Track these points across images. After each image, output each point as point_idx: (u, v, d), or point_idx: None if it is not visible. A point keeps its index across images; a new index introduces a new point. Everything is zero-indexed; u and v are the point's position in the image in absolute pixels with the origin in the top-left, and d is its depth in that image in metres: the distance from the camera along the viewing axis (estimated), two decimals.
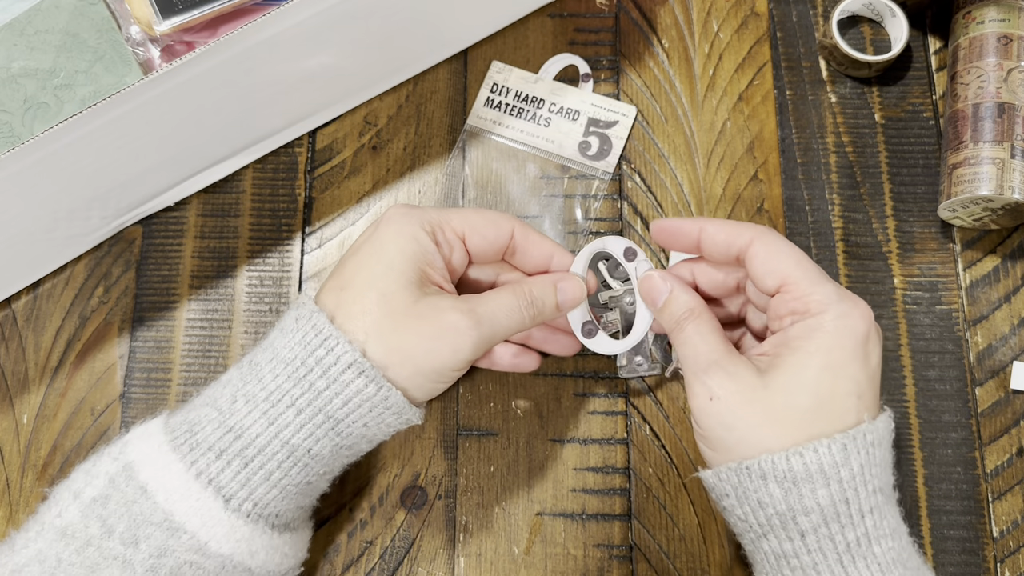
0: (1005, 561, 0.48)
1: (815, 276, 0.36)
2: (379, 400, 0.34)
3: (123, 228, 0.55)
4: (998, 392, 0.51)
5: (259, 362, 0.35)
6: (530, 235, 0.41)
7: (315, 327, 0.34)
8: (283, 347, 0.35)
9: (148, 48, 0.52)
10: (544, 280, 0.40)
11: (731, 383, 0.35)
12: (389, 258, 0.36)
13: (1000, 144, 0.49)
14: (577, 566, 0.49)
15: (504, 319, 0.37)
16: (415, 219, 0.38)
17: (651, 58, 0.57)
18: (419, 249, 0.37)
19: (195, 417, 0.35)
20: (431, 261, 0.37)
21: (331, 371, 0.34)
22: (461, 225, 0.39)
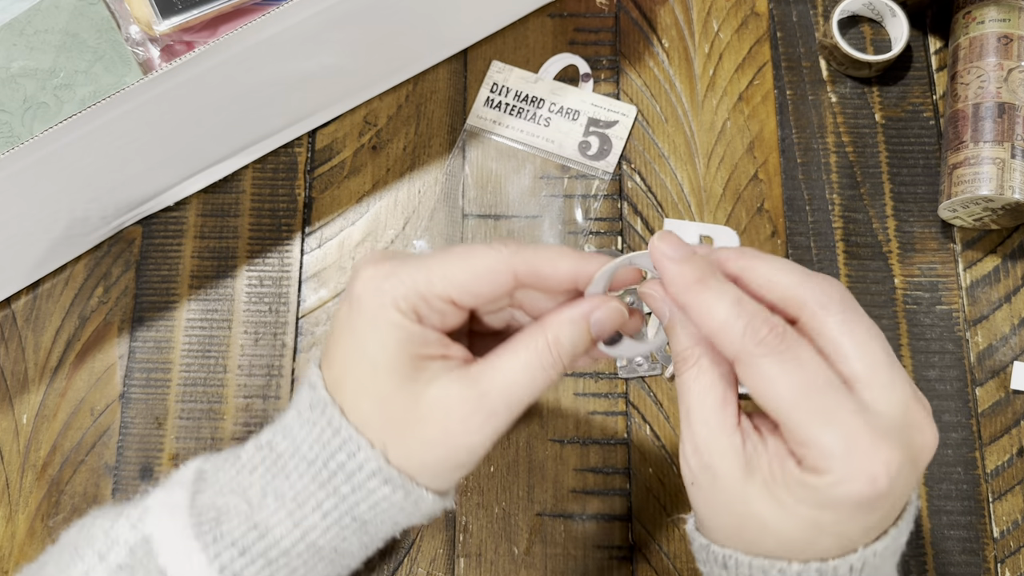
0: (1005, 561, 0.48)
1: (817, 417, 0.27)
2: (409, 504, 0.32)
3: (123, 228, 0.55)
4: (998, 392, 0.51)
5: (282, 453, 0.32)
6: (541, 268, 0.32)
7: (331, 424, 0.32)
8: (303, 441, 0.32)
9: (148, 48, 0.52)
10: (570, 317, 0.32)
11: (712, 482, 0.30)
12: (371, 358, 0.31)
13: (1000, 144, 0.49)
14: (577, 567, 0.48)
15: (525, 390, 0.31)
16: (388, 299, 0.31)
17: (651, 58, 0.57)
18: (402, 336, 0.31)
19: (224, 505, 0.32)
20: (421, 341, 0.31)
21: (355, 477, 0.31)
22: (445, 288, 0.31)
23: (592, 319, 0.32)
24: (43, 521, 0.50)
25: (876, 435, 0.27)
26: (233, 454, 0.34)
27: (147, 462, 0.51)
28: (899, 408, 0.28)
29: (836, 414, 0.27)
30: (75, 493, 0.50)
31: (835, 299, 0.29)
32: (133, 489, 0.50)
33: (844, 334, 0.29)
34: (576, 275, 0.32)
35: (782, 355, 0.28)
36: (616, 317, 0.32)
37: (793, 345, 0.28)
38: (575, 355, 0.32)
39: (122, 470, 0.51)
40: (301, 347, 0.53)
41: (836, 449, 0.27)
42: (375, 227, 0.55)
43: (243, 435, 0.51)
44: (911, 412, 0.28)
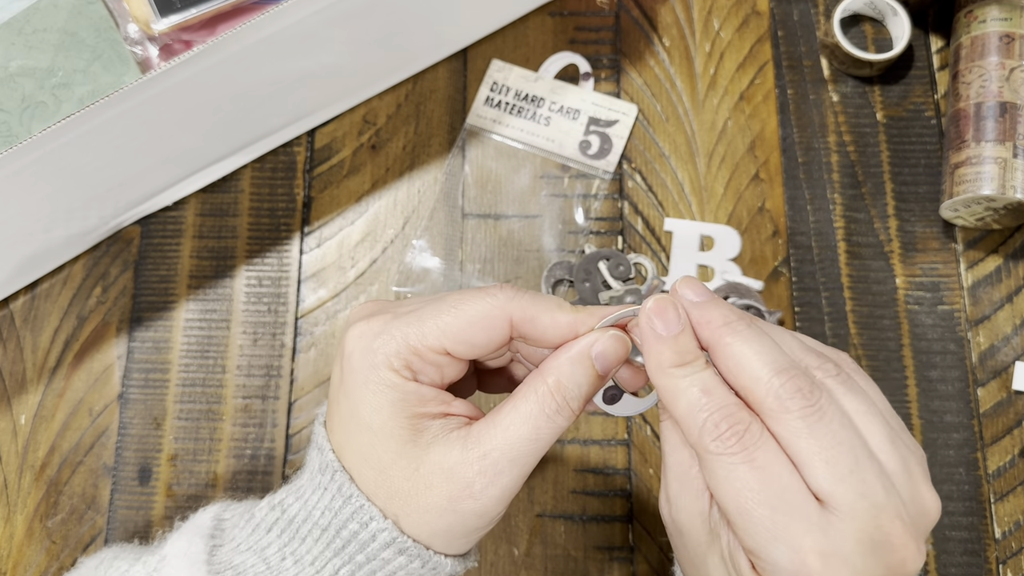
0: (1007, 562, 0.48)
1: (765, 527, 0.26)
2: (428, 571, 0.31)
3: (121, 228, 0.55)
4: (1000, 393, 0.50)
5: (294, 516, 0.32)
6: (538, 317, 0.30)
7: (341, 491, 0.31)
8: (315, 507, 0.31)
9: (146, 47, 0.52)
10: (569, 357, 0.30)
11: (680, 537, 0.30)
12: (367, 423, 0.30)
13: (1002, 143, 0.49)
14: (578, 568, 0.48)
15: (530, 444, 0.29)
16: (379, 359, 0.29)
17: (652, 57, 0.57)
18: (396, 397, 0.29)
19: (241, 563, 0.32)
20: (416, 400, 0.30)
21: (369, 548, 0.30)
22: (439, 340, 0.29)
23: (594, 353, 0.30)
24: (41, 522, 0.50)
25: (825, 559, 0.25)
26: (248, 511, 0.33)
27: (145, 463, 0.51)
28: (864, 523, 0.25)
29: (787, 529, 0.25)
30: (73, 494, 0.50)
31: (797, 401, 0.26)
32: (132, 490, 0.50)
33: (803, 439, 0.26)
34: (575, 328, 0.30)
35: (736, 456, 0.26)
36: (620, 347, 0.30)
37: (751, 446, 0.26)
38: (582, 396, 0.30)
39: (120, 471, 0.51)
40: (300, 347, 0.52)
41: (783, 567, 0.25)
42: (374, 227, 0.55)
43: (242, 436, 0.51)
44: (880, 529, 0.25)
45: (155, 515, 0.50)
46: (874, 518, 0.25)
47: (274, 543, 0.31)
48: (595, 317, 0.30)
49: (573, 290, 0.53)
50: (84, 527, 0.50)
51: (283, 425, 0.51)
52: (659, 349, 0.29)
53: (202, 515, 0.34)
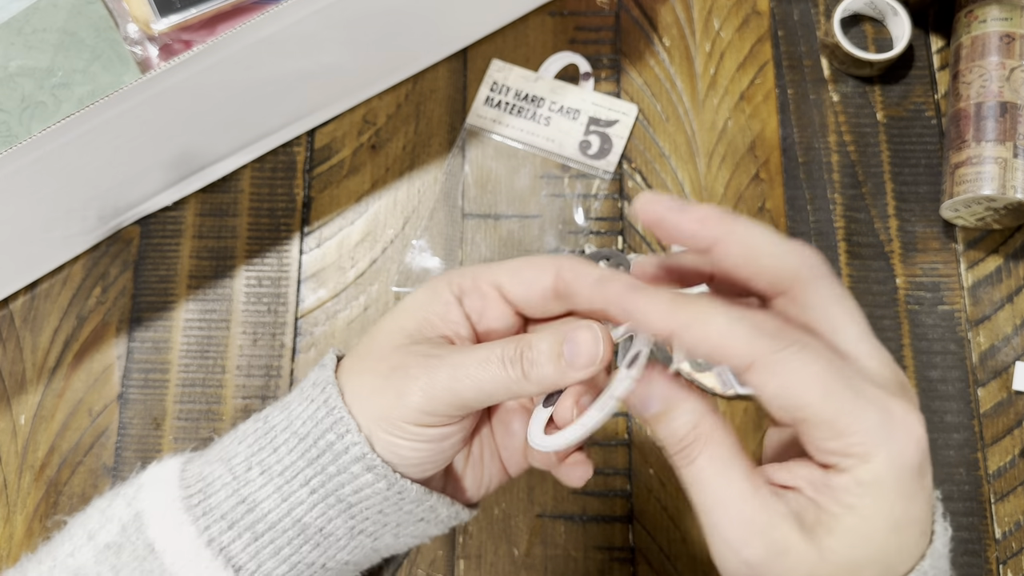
0: (1007, 563, 0.48)
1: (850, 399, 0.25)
2: (393, 495, 0.32)
3: (120, 228, 0.55)
4: (1000, 393, 0.50)
5: (275, 425, 0.33)
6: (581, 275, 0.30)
7: (327, 403, 0.32)
8: (298, 416, 0.32)
9: (146, 47, 0.52)
10: (549, 330, 0.30)
11: (775, 559, 0.27)
12: (394, 315, 0.32)
13: (1003, 143, 0.49)
14: (578, 568, 0.48)
15: (474, 370, 0.29)
16: (444, 279, 0.32)
17: (652, 57, 0.57)
18: (428, 299, 0.32)
19: (210, 474, 0.33)
20: (440, 312, 0.32)
21: (341, 459, 0.31)
22: (494, 275, 0.32)
23: (569, 337, 0.29)
24: (41, 522, 0.50)
25: (897, 398, 0.26)
26: (234, 428, 0.34)
27: (145, 463, 0.51)
28: (891, 368, 0.28)
29: (862, 390, 0.26)
30: (73, 494, 0.50)
31: (822, 268, 0.28)
32: None
33: (835, 303, 0.27)
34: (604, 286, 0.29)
35: (796, 343, 0.26)
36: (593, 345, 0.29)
37: (799, 334, 0.26)
38: (539, 368, 0.29)
39: (120, 471, 0.51)
40: (300, 347, 0.52)
41: (878, 424, 0.25)
42: (374, 227, 0.55)
43: None
44: (897, 371, 0.28)
45: None
46: (891, 363, 0.27)
47: (241, 453, 0.32)
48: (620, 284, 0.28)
49: None
50: None
51: None
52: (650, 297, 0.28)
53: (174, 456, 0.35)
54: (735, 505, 0.27)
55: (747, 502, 0.27)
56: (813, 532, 0.26)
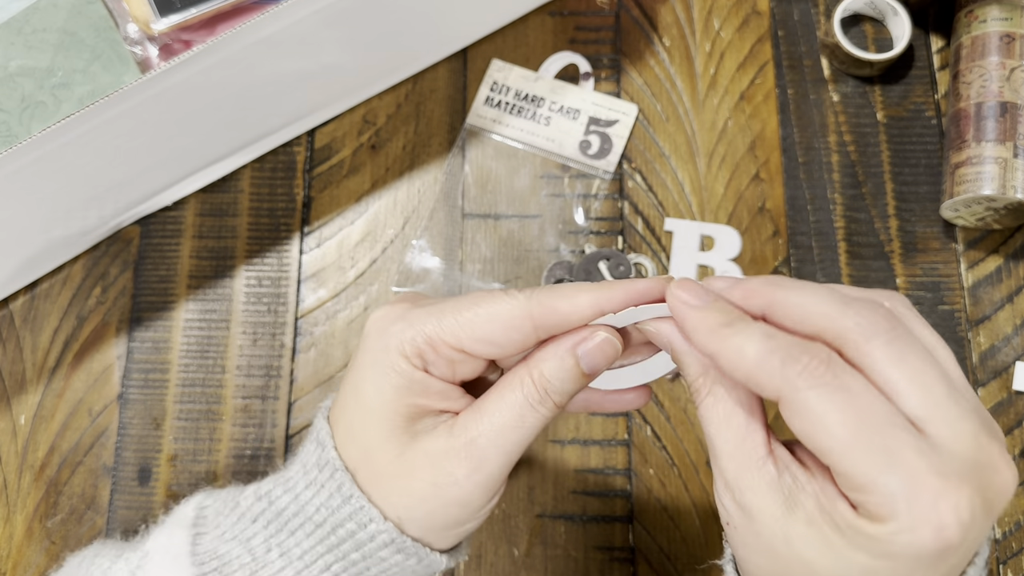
0: (1007, 563, 0.48)
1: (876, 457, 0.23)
2: (422, 568, 0.31)
3: (120, 228, 0.55)
4: (1001, 393, 0.50)
5: (283, 509, 0.31)
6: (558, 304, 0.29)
7: (340, 491, 0.30)
8: (309, 503, 0.31)
9: (146, 47, 0.52)
10: (555, 350, 0.29)
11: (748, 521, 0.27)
12: (366, 402, 0.30)
13: (1003, 143, 0.49)
14: (578, 568, 0.48)
15: (514, 432, 0.29)
16: (393, 342, 0.29)
17: (652, 56, 0.57)
18: (400, 383, 0.29)
19: (226, 553, 0.31)
20: (421, 390, 0.30)
21: (366, 547, 0.30)
22: (456, 336, 0.29)
23: (580, 351, 0.29)
24: (41, 522, 0.50)
25: (944, 478, 0.23)
26: (232, 499, 0.32)
27: (145, 463, 0.51)
28: (968, 445, 0.24)
29: (898, 453, 0.23)
30: (73, 494, 0.50)
31: (880, 326, 0.25)
32: (131, 490, 0.50)
33: (893, 365, 0.24)
34: (598, 305, 0.29)
35: (829, 385, 0.24)
36: (608, 350, 0.29)
37: (841, 373, 0.24)
38: (565, 391, 0.29)
39: (120, 471, 0.50)
40: (300, 347, 0.52)
41: (899, 494, 0.23)
42: (374, 227, 0.55)
43: (241, 436, 0.51)
44: (983, 449, 0.24)
45: (155, 515, 0.50)
46: (975, 438, 0.24)
47: (260, 534, 0.31)
48: (620, 292, 0.29)
49: None
50: (84, 527, 0.50)
51: (283, 425, 0.51)
52: (701, 316, 0.27)
53: (184, 506, 0.33)
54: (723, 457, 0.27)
55: (732, 458, 0.27)
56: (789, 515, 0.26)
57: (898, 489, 0.23)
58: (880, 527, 0.24)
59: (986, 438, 0.24)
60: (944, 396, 0.24)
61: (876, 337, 0.25)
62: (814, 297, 0.26)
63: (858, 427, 0.24)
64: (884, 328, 0.25)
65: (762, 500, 0.26)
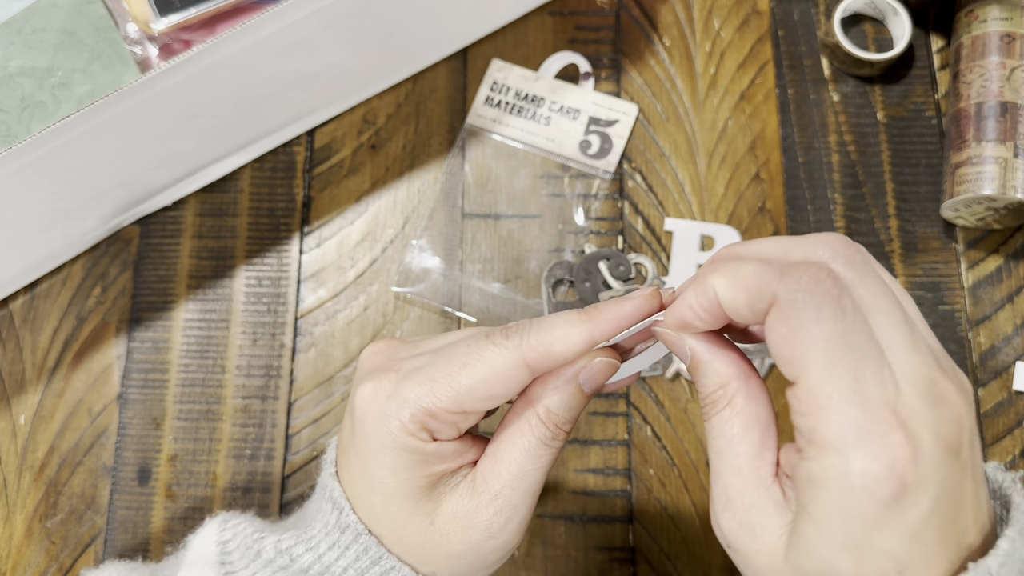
0: None
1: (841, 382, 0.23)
2: None
3: (120, 228, 0.55)
4: (1001, 393, 0.50)
5: (307, 568, 0.31)
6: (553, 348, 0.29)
7: (368, 553, 0.30)
8: (334, 563, 0.30)
9: (146, 46, 0.52)
10: (556, 383, 0.30)
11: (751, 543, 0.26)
12: (382, 486, 0.30)
13: (1003, 143, 0.49)
14: (578, 568, 0.48)
15: (535, 474, 0.29)
16: (394, 425, 0.29)
17: (652, 56, 0.57)
18: (415, 460, 0.29)
19: None
20: (436, 459, 0.30)
21: None
22: (454, 402, 0.29)
23: (582, 379, 0.29)
24: (41, 522, 0.50)
25: (895, 413, 0.23)
26: (253, 543, 0.32)
27: (145, 463, 0.51)
28: (923, 378, 0.24)
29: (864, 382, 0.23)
30: (73, 494, 0.50)
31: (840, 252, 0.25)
32: (131, 490, 0.50)
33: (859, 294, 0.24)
34: (591, 340, 0.29)
35: (828, 293, 0.23)
36: (608, 370, 0.30)
37: (842, 288, 0.24)
38: (573, 419, 0.30)
39: (120, 471, 0.50)
40: (299, 347, 0.52)
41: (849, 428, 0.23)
42: (374, 227, 0.54)
43: (241, 436, 0.51)
44: (937, 383, 0.24)
45: (154, 515, 0.50)
46: (929, 371, 0.24)
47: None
48: (609, 322, 0.29)
49: (573, 290, 0.52)
50: (83, 527, 0.50)
51: (283, 425, 0.51)
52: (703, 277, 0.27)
53: (203, 540, 0.33)
54: (727, 473, 0.27)
55: (739, 476, 0.26)
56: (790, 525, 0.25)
57: (850, 423, 0.23)
58: (827, 463, 0.23)
59: (939, 372, 0.24)
60: (899, 322, 0.24)
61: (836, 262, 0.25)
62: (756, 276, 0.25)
63: (840, 345, 0.23)
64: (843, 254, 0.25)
65: (768, 520, 0.25)
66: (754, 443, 0.26)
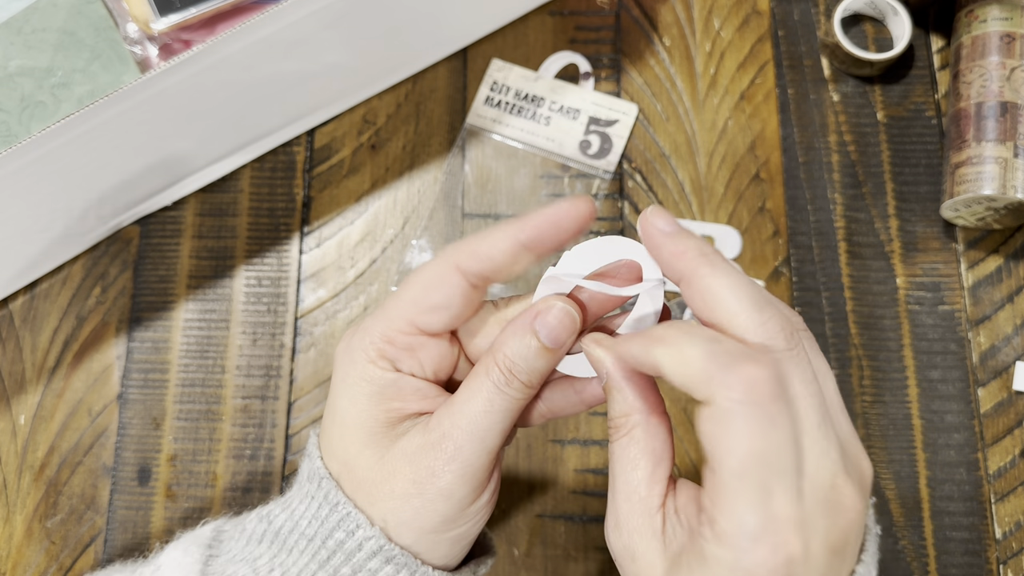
0: (1008, 563, 0.48)
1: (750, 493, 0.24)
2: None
3: (120, 228, 0.55)
4: (1001, 393, 0.50)
5: (280, 527, 0.31)
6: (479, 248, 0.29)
7: (328, 499, 0.30)
8: (302, 516, 0.31)
9: (145, 46, 0.52)
10: (514, 330, 0.29)
11: (631, 564, 0.28)
12: (341, 416, 0.30)
13: (1003, 143, 0.49)
14: (578, 569, 0.48)
15: (486, 417, 0.29)
16: (357, 354, 0.30)
17: (652, 56, 0.57)
18: (372, 390, 0.29)
19: (233, 574, 0.31)
20: (395, 392, 0.29)
21: (355, 557, 0.30)
22: (403, 316, 0.29)
23: (537, 326, 0.29)
24: (41, 522, 0.50)
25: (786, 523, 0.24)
26: (240, 523, 0.33)
27: (145, 463, 0.51)
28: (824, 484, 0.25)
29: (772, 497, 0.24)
30: (73, 494, 0.50)
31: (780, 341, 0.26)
32: (131, 490, 0.50)
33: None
34: (515, 239, 0.29)
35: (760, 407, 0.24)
36: (566, 320, 0.29)
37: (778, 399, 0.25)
38: (532, 369, 0.29)
39: (120, 471, 0.50)
40: (299, 347, 0.52)
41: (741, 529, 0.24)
42: (374, 227, 0.54)
43: (241, 436, 0.51)
44: (838, 491, 0.25)
45: (154, 515, 0.50)
46: (832, 476, 0.25)
47: (264, 554, 0.31)
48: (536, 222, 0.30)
49: None
50: (83, 527, 0.50)
51: (283, 425, 0.51)
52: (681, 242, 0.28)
53: (202, 528, 0.33)
54: (621, 497, 0.28)
55: (629, 500, 0.28)
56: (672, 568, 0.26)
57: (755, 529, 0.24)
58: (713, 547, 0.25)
59: (842, 476, 0.25)
60: (815, 425, 0.25)
61: (774, 350, 0.26)
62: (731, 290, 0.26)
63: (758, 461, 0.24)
64: (783, 343, 0.26)
65: (645, 547, 0.27)
66: (646, 474, 0.27)
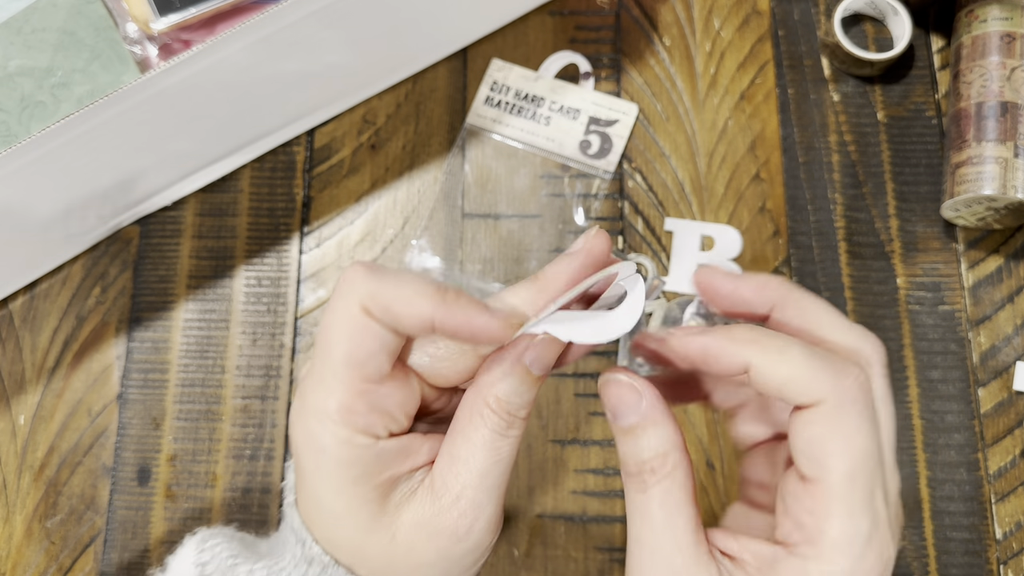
0: (1008, 563, 0.48)
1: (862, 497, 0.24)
2: None
3: (120, 228, 0.55)
4: (1001, 393, 0.50)
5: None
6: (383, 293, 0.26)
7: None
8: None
9: (145, 46, 0.52)
10: (502, 367, 0.27)
11: None
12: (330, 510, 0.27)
13: (1003, 143, 0.49)
14: (578, 569, 0.48)
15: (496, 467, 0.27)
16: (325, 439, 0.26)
17: (652, 56, 0.57)
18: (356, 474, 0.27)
19: None
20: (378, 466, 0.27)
21: None
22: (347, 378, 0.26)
23: (527, 361, 0.27)
24: (40, 523, 0.50)
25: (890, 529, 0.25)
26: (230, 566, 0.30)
27: (144, 463, 0.51)
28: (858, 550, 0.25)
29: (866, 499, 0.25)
30: (72, 494, 0.50)
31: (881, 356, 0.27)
32: (131, 491, 0.50)
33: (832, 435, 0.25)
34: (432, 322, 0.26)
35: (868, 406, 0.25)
36: (553, 345, 0.27)
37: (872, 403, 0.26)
38: (526, 404, 0.27)
39: (120, 471, 0.50)
40: (299, 347, 0.52)
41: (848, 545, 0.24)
42: (374, 227, 0.54)
43: (241, 436, 0.51)
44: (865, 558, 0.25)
45: (154, 516, 0.50)
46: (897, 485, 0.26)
47: None
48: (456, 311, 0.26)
49: None
50: (83, 528, 0.50)
51: (283, 425, 0.51)
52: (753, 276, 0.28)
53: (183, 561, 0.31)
54: (668, 551, 0.26)
55: (681, 553, 0.25)
56: None
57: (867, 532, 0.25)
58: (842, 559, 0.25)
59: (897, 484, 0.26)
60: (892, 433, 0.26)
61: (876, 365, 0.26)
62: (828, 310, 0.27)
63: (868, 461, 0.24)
64: (882, 360, 0.26)
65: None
66: (691, 520, 0.26)
